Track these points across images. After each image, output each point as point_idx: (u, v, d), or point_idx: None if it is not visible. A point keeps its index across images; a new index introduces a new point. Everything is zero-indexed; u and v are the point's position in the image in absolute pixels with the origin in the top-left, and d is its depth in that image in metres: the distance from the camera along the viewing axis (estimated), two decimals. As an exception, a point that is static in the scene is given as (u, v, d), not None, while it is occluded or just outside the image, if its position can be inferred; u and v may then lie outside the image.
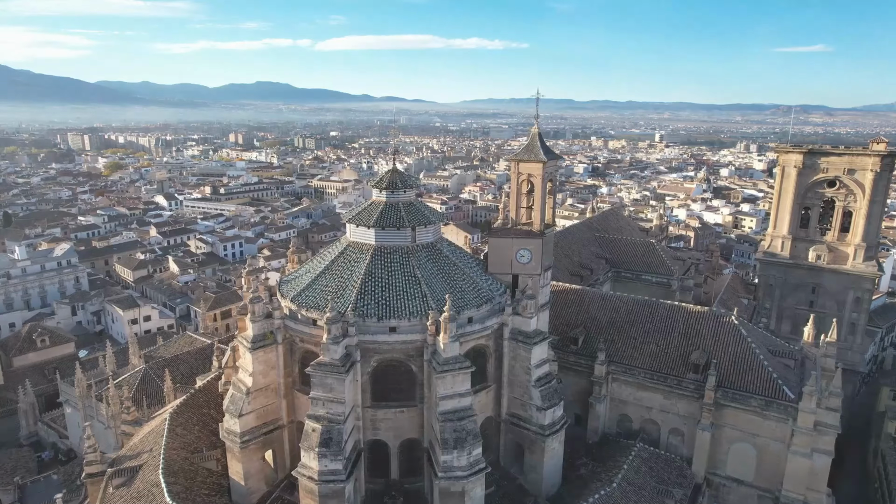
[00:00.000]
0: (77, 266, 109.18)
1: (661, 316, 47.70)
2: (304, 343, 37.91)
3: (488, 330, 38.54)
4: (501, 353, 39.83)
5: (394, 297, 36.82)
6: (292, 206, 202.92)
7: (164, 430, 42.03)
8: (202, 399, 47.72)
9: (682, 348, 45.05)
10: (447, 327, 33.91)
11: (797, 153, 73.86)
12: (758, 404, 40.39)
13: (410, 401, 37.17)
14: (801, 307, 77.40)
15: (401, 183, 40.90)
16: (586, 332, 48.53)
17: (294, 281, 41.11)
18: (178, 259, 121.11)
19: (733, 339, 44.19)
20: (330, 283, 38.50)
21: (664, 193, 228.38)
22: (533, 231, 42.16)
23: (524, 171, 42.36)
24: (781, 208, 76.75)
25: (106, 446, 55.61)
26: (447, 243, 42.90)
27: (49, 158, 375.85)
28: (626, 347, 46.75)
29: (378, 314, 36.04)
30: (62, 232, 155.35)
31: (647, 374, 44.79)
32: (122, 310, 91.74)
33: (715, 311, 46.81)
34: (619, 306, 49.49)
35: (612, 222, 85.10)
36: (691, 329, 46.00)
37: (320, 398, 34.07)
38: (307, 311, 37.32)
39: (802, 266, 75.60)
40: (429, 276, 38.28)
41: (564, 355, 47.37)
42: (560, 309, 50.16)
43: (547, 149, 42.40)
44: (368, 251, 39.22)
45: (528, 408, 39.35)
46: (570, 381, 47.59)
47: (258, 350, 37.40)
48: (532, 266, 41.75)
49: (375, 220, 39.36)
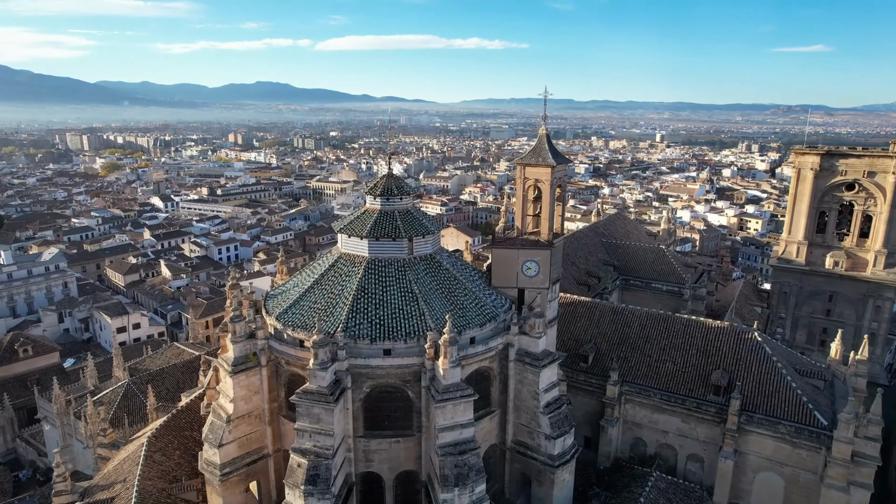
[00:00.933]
0: (66, 271, 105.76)
1: (678, 331, 44.31)
2: (290, 366, 34.54)
3: (492, 351, 35.16)
4: (507, 375, 36.46)
5: (388, 316, 33.47)
6: (290, 207, 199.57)
7: (140, 456, 38.76)
8: (184, 420, 44.39)
9: (702, 367, 41.67)
10: (447, 351, 30.55)
11: (814, 155, 70.46)
12: (787, 431, 36.99)
13: (407, 430, 33.78)
14: (817, 316, 74.11)
15: (397, 189, 37.54)
16: (597, 348, 45.17)
17: (281, 296, 37.75)
18: (170, 263, 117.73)
19: (757, 357, 40.80)
20: (319, 300, 35.14)
21: (667, 194, 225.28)
22: (540, 241, 38.80)
23: (531, 176, 38.99)
24: (797, 212, 73.35)
25: (86, 466, 52.37)
26: (447, 254, 39.54)
27: (47, 159, 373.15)
28: (641, 366, 43.37)
29: (371, 335, 32.67)
30: (54, 234, 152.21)
31: (663, 395, 41.41)
32: (111, 317, 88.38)
33: (736, 327, 43.36)
34: (632, 321, 46.10)
35: (619, 227, 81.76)
36: (711, 346, 42.61)
37: (306, 429, 30.72)
38: (293, 330, 33.95)
39: (819, 273, 72.23)
40: (427, 292, 34.93)
41: (574, 374, 44.04)
42: (568, 323, 46.82)
43: (555, 152, 39.05)
44: (361, 264, 35.86)
45: (536, 436, 35.97)
46: (580, 401, 44.23)
47: (239, 373, 34.05)
48: (540, 279, 38.38)
49: (369, 230, 36.00)
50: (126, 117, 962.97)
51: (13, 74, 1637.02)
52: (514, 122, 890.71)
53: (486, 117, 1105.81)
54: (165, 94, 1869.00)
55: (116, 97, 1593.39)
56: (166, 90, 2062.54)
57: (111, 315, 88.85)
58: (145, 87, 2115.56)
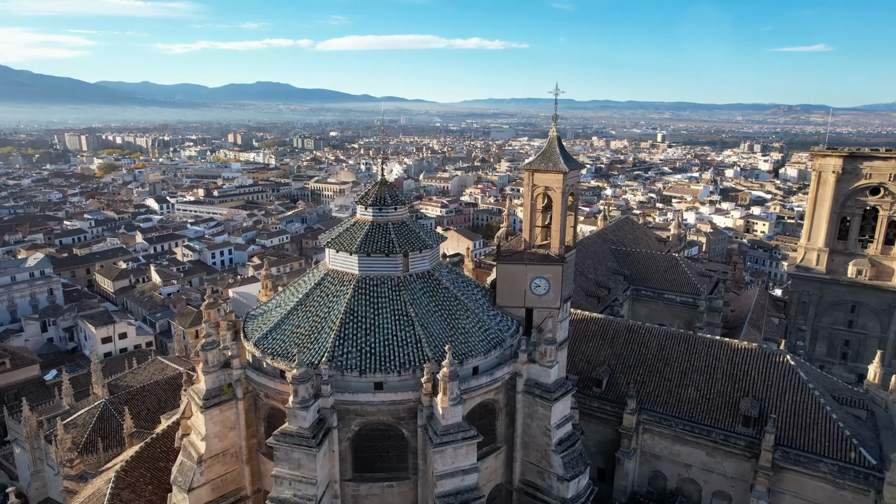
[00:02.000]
0: (51, 277, 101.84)
1: (700, 352, 40.33)
2: (269, 399, 30.58)
3: (498, 382, 31.16)
4: (514, 408, 32.46)
5: (380, 343, 29.51)
6: (287, 209, 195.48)
7: (105, 495, 34.84)
8: (159, 450, 40.25)
9: (729, 394, 37.70)
10: (447, 387, 26.61)
11: (836, 157, 66.59)
12: (829, 470, 33.01)
13: (401, 472, 29.80)
14: (838, 328, 70.25)
15: (391, 198, 33.54)
16: (611, 371, 41.20)
17: (262, 317, 33.77)
18: (160, 268, 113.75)
19: (790, 383, 36.82)
20: (302, 323, 31.18)
21: (670, 195, 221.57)
22: (550, 255, 34.84)
23: (540, 183, 35.02)
24: (817, 217, 69.52)
25: (59, 493, 48.49)
26: (446, 270, 35.54)
27: (44, 159, 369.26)
28: (660, 391, 39.40)
29: (360, 366, 28.72)
30: (45, 238, 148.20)
31: (686, 424, 37.43)
32: (95, 327, 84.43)
33: (765, 349, 39.33)
34: (650, 340, 42.12)
35: (627, 232, 77.79)
36: (737, 370, 38.62)
37: (286, 476, 26.78)
38: (273, 359, 30.00)
39: (841, 282, 68.40)
40: (424, 315, 30.96)
41: (586, 399, 40.08)
42: (579, 343, 42.88)
43: (567, 156, 35.07)
44: (350, 283, 31.90)
45: (548, 476, 31.98)
46: (593, 429, 40.27)
47: (212, 408, 30.09)
48: (550, 298, 34.42)
49: (359, 244, 32.01)
50: (126, 117, 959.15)
51: (13, 74, 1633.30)
52: (514, 121, 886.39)
53: (486, 117, 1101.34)
54: (166, 95, 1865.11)
55: (117, 97, 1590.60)
56: (166, 90, 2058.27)
57: (96, 324, 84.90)
58: (145, 88, 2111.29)
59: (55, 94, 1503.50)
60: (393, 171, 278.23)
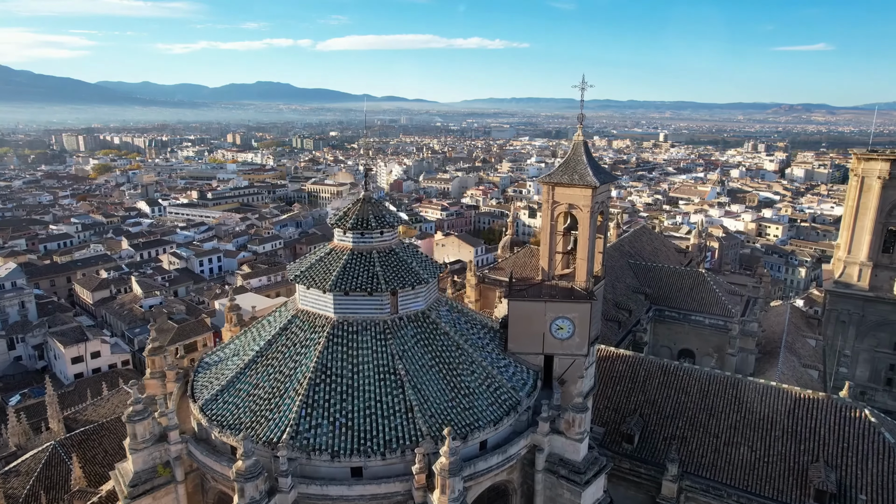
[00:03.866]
0: (23, 288, 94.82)
1: (752, 401, 33.36)
2: (217, 483, 23.71)
3: (512, 461, 24.28)
4: (531, 488, 25.57)
5: (360, 413, 22.64)
6: (282, 212, 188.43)
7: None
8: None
9: (792, 457, 30.75)
10: (446, 484, 19.70)
11: (882, 160, 59.64)
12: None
13: (387, 580, 22.96)
14: (882, 350, 63.34)
15: (375, 221, 26.61)
16: (644, 423, 34.26)
17: (216, 368, 26.94)
18: (142, 279, 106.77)
19: (872, 445, 29.84)
20: (262, 383, 24.32)
21: (677, 197, 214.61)
22: (576, 289, 27.99)
23: (563, 200, 28.14)
24: (858, 228, 62.57)
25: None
26: (445, 308, 28.60)
27: (39, 160, 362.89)
28: (705, 450, 32.45)
29: (333, 445, 21.85)
30: (28, 243, 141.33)
31: (741, 496, 30.42)
32: (65, 345, 77.53)
33: (835, 400, 32.27)
34: (690, 384, 35.17)
35: (645, 243, 70.83)
36: (801, 425, 31.67)
37: None
38: (221, 431, 23.14)
39: (886, 300, 61.48)
40: (417, 372, 24.10)
41: (615, 458, 33.10)
42: (604, 387, 35.94)
43: (597, 166, 28.20)
44: (324, 328, 25.04)
45: (575, 577, 25.11)
46: (623, 494, 33.33)
47: (143, 497, 23.19)
48: (575, 343, 27.57)
49: (335, 279, 25.12)
50: (126, 118, 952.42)
51: (13, 75, 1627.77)
52: (515, 121, 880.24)
53: (486, 117, 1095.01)
54: (166, 95, 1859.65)
55: (117, 97, 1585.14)
56: (167, 90, 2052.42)
57: (66, 342, 77.94)
58: (146, 88, 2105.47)
59: (55, 95, 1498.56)
60: (392, 172, 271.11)
